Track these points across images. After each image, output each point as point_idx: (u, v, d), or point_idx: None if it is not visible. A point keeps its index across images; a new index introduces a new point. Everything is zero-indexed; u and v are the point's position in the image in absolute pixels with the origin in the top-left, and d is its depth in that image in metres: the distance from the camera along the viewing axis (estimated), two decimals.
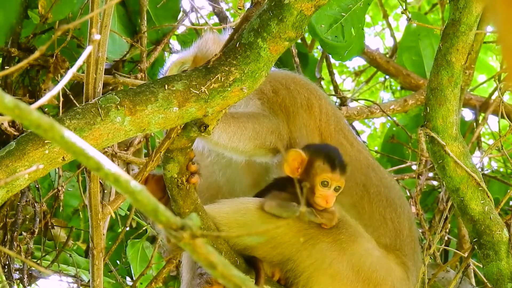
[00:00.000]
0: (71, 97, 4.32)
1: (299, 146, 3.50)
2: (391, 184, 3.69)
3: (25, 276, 4.60)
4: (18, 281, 4.63)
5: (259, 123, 3.47)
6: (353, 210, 3.49)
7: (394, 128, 5.57)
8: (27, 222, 4.84)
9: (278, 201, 3.28)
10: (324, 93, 3.88)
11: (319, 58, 5.75)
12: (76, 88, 4.68)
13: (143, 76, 4.65)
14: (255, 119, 3.47)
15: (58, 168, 4.52)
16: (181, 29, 5.39)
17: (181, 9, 5.08)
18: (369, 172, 3.61)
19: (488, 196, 3.47)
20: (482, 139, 5.83)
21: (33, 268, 4.67)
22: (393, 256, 3.47)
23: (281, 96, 3.59)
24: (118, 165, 4.60)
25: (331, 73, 5.76)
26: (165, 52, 5.29)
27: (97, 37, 3.02)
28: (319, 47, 5.92)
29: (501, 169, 5.83)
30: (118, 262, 5.18)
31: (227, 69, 2.92)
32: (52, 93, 1.80)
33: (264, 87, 3.56)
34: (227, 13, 5.62)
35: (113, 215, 3.35)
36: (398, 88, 6.24)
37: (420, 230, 4.59)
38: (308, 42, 5.94)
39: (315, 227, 3.30)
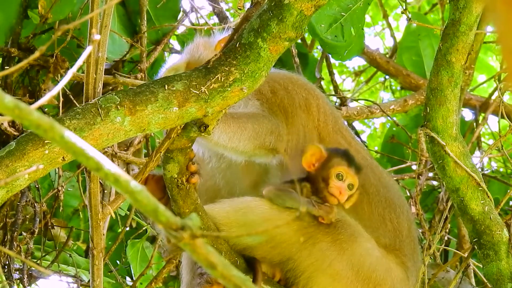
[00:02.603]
0: (71, 97, 4.32)
1: (297, 147, 3.51)
2: (389, 184, 3.70)
3: (25, 276, 4.60)
4: (18, 281, 4.63)
5: (258, 124, 3.47)
6: (352, 211, 3.49)
7: (394, 128, 5.57)
8: (27, 222, 4.84)
9: (277, 186, 3.33)
10: (322, 93, 3.89)
11: (319, 58, 5.75)
12: (76, 88, 4.67)
13: (143, 76, 4.65)
14: (254, 119, 3.48)
15: (58, 168, 4.52)
16: (181, 29, 5.39)
17: (181, 9, 5.08)
18: (368, 172, 3.62)
19: (488, 196, 3.47)
20: (482, 139, 5.83)
21: (33, 268, 4.67)
22: (392, 256, 3.48)
23: (279, 96, 3.61)
24: (118, 165, 4.60)
25: (331, 73, 5.75)
26: (165, 52, 5.29)
27: (97, 37, 3.02)
28: (319, 47, 5.92)
29: (501, 169, 5.83)
30: (118, 262, 5.18)
31: (227, 69, 2.92)
32: (52, 93, 1.80)
33: (263, 88, 3.56)
34: (227, 13, 5.62)
35: (113, 215, 3.35)
36: (398, 88, 6.24)
37: (420, 230, 4.59)
38: (308, 42, 5.94)
39: (315, 226, 3.30)
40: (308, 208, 3.28)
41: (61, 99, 3.67)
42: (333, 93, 5.80)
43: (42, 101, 1.82)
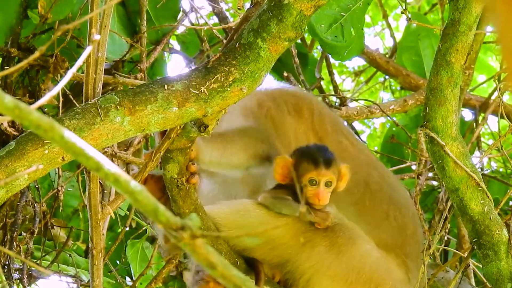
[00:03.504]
0: (71, 97, 4.32)
1: (291, 150, 3.51)
2: (395, 184, 3.69)
3: (25, 276, 4.60)
4: (18, 281, 4.62)
5: (246, 135, 3.48)
6: (354, 208, 3.49)
7: (394, 128, 5.56)
8: (27, 222, 4.84)
9: (273, 194, 3.30)
10: (315, 97, 3.91)
11: (319, 58, 5.75)
12: (76, 88, 4.67)
13: (142, 76, 4.65)
14: (241, 131, 3.48)
15: (58, 168, 4.52)
16: (181, 29, 5.39)
17: (181, 9, 5.08)
18: (371, 170, 3.61)
19: (488, 196, 3.47)
20: (482, 139, 5.82)
21: (33, 268, 4.66)
22: (393, 257, 3.47)
23: (265, 107, 3.62)
24: (118, 165, 4.60)
25: (331, 73, 5.75)
26: (165, 52, 5.28)
27: (97, 37, 3.02)
28: (319, 47, 5.92)
29: (501, 169, 5.82)
30: (118, 262, 5.18)
31: (226, 69, 2.92)
32: (52, 93, 1.80)
33: (249, 102, 3.56)
34: (227, 13, 5.61)
35: (113, 215, 3.35)
36: (398, 88, 6.24)
37: None
38: (308, 42, 5.93)
39: (313, 230, 3.30)
40: (304, 215, 3.26)
41: (61, 99, 3.67)
42: (333, 93, 5.79)
43: (42, 101, 1.82)
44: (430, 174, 5.32)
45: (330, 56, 5.07)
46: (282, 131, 3.59)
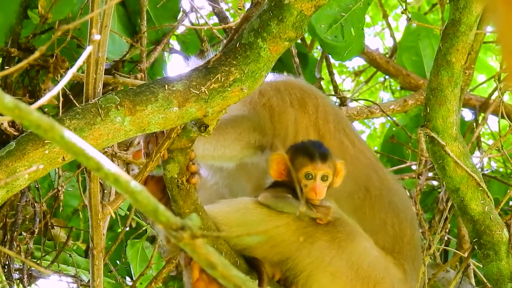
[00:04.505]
0: (71, 97, 4.32)
1: (286, 143, 3.51)
2: (394, 187, 3.67)
3: (25, 276, 4.60)
4: (18, 281, 4.62)
5: (238, 125, 3.47)
6: (354, 215, 3.47)
7: (394, 128, 5.57)
8: (27, 222, 4.84)
9: (273, 193, 3.30)
10: (323, 94, 3.89)
11: (319, 58, 5.75)
12: (76, 88, 4.67)
13: (143, 76, 4.65)
14: (233, 122, 3.47)
15: (58, 168, 4.52)
16: (181, 29, 5.39)
17: (181, 9, 5.08)
18: (371, 173, 3.60)
19: (488, 196, 3.47)
20: (482, 139, 5.83)
21: (33, 268, 4.66)
22: (391, 258, 3.47)
23: (266, 96, 3.60)
24: (118, 165, 4.60)
25: (331, 73, 5.75)
26: (165, 52, 5.28)
27: (97, 37, 3.02)
28: (319, 47, 5.92)
29: (501, 169, 5.82)
30: (118, 262, 5.18)
31: (227, 69, 2.92)
32: (52, 93, 1.80)
33: None
34: (227, 13, 5.61)
35: (113, 215, 3.35)
36: (398, 88, 6.24)
37: (420, 230, 4.58)
38: (308, 42, 5.93)
39: (313, 226, 3.30)
40: (306, 212, 3.26)
41: (61, 99, 3.67)
42: (333, 93, 5.80)
43: (42, 101, 1.82)
44: (430, 174, 5.32)
45: (330, 56, 5.07)
46: (280, 121, 3.58)
